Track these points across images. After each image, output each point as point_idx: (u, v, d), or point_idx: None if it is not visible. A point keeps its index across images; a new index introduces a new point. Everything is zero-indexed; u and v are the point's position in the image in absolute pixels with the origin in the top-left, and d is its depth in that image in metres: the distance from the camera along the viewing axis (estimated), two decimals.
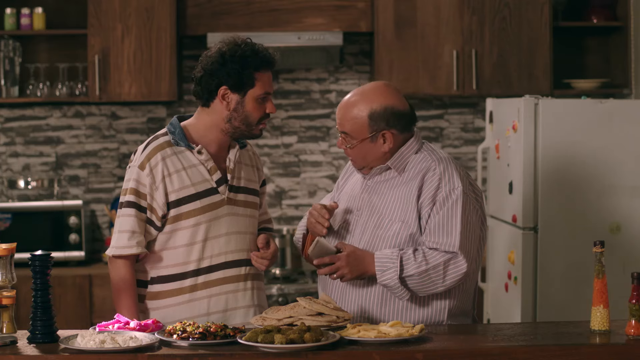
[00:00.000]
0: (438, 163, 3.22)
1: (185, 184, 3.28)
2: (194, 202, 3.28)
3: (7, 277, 2.97)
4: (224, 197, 3.32)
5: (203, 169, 3.31)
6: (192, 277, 3.30)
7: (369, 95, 3.27)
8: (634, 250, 4.63)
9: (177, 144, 3.30)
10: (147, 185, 3.26)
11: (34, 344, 2.92)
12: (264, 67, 3.30)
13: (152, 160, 3.27)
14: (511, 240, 4.78)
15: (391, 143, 3.24)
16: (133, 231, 3.27)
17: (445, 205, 3.17)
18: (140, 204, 3.27)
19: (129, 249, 3.27)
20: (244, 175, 3.40)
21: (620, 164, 4.63)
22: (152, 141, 3.33)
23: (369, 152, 3.26)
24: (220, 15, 5.63)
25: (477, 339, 3.03)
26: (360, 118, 3.23)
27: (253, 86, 3.28)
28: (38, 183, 5.73)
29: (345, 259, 3.18)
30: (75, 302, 5.34)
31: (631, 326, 2.93)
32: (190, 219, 3.28)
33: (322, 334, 2.85)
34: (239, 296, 3.35)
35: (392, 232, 3.21)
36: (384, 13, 5.58)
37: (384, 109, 3.22)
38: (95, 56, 5.51)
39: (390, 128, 3.23)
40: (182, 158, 3.30)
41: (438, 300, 3.23)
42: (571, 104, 4.71)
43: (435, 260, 3.13)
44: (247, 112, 3.28)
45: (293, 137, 5.97)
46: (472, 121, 6.00)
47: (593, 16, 5.79)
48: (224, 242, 3.32)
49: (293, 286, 5.37)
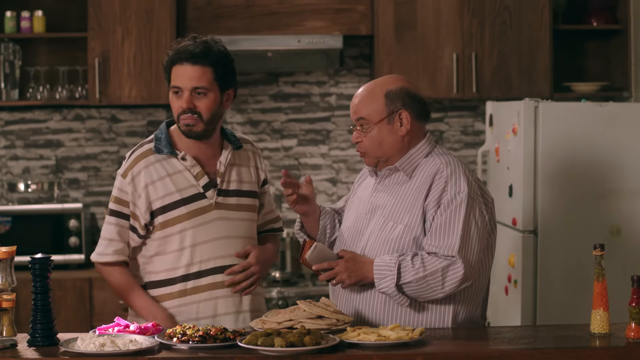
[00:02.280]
0: (446, 166, 3.22)
1: (169, 191, 3.28)
2: (179, 208, 3.28)
3: (7, 280, 2.97)
4: (212, 202, 3.31)
5: (189, 174, 3.30)
6: (181, 282, 3.30)
7: (384, 80, 3.33)
8: (634, 254, 4.64)
9: (161, 151, 3.30)
10: (129, 193, 3.29)
11: (34, 347, 2.92)
12: (176, 62, 3.26)
13: (135, 169, 3.29)
14: (511, 243, 4.78)
15: (408, 124, 3.23)
16: (111, 239, 3.33)
17: (448, 208, 3.15)
18: (123, 212, 3.31)
19: (104, 256, 3.35)
20: (236, 177, 3.38)
21: (620, 167, 4.64)
22: (137, 149, 3.35)
23: (386, 137, 3.24)
24: (220, 19, 5.63)
25: (477, 342, 3.02)
26: (377, 98, 3.24)
27: (170, 80, 3.30)
28: (38, 186, 5.73)
29: (344, 265, 3.17)
30: (75, 305, 5.33)
31: (631, 329, 2.93)
32: (177, 225, 3.28)
33: (322, 337, 2.85)
34: (229, 302, 3.33)
35: (395, 235, 3.20)
36: (384, 16, 5.59)
37: (400, 88, 3.25)
38: (95, 59, 5.51)
39: (407, 108, 3.23)
40: (167, 164, 3.30)
41: (441, 305, 3.21)
42: (571, 107, 4.72)
43: (433, 266, 3.11)
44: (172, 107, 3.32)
45: (293, 140, 5.97)
46: (472, 124, 6.00)
47: (593, 19, 5.79)
48: (213, 247, 3.31)
49: (293, 289, 5.37)
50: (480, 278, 3.26)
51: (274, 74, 5.94)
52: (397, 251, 3.18)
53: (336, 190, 5.96)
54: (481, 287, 3.28)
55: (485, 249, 3.24)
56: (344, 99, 5.97)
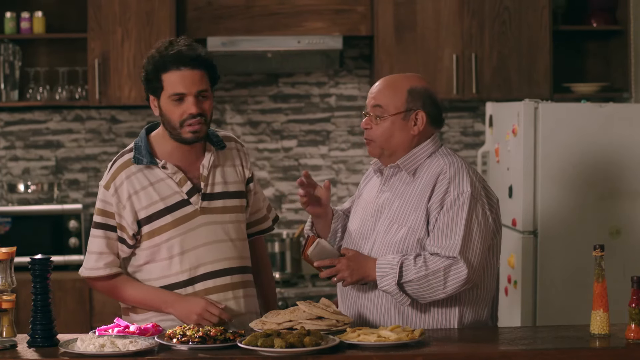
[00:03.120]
0: (449, 167, 3.23)
1: (153, 200, 3.23)
2: (164, 217, 3.23)
3: (7, 281, 2.97)
4: (197, 207, 3.26)
5: (171, 182, 3.25)
6: (175, 289, 3.24)
7: (410, 76, 3.33)
8: (634, 254, 4.63)
9: (140, 161, 3.25)
10: (113, 205, 3.24)
11: (34, 348, 2.92)
12: (170, 68, 3.19)
13: (117, 180, 3.25)
14: (511, 244, 4.77)
15: (422, 126, 3.24)
16: (101, 252, 3.25)
17: (451, 209, 3.15)
18: (109, 224, 3.25)
19: (96, 270, 3.26)
20: (221, 179, 3.32)
21: (620, 167, 4.63)
22: (118, 159, 3.30)
23: (397, 131, 3.24)
24: (220, 19, 5.63)
25: (477, 343, 3.02)
26: (400, 91, 3.24)
27: (162, 88, 3.21)
28: (38, 187, 5.73)
29: (345, 263, 3.16)
30: (75, 306, 5.33)
31: (631, 330, 2.93)
32: (163, 234, 3.23)
33: (321, 338, 2.85)
34: (227, 306, 3.26)
35: (398, 237, 3.20)
36: (384, 17, 5.59)
37: (424, 89, 3.26)
38: (95, 60, 5.51)
39: (425, 110, 3.24)
40: (149, 173, 3.25)
41: (446, 308, 3.20)
42: (571, 108, 4.72)
43: (435, 266, 3.10)
44: (166, 114, 3.23)
45: (293, 141, 5.97)
46: (472, 125, 6.01)
47: (593, 20, 5.79)
48: (203, 253, 3.26)
49: (293, 290, 5.36)
50: (486, 279, 3.25)
51: (273, 75, 5.94)
52: (401, 252, 3.17)
53: (336, 190, 5.96)
54: (488, 289, 3.26)
55: (490, 249, 3.23)
56: (344, 100, 5.97)
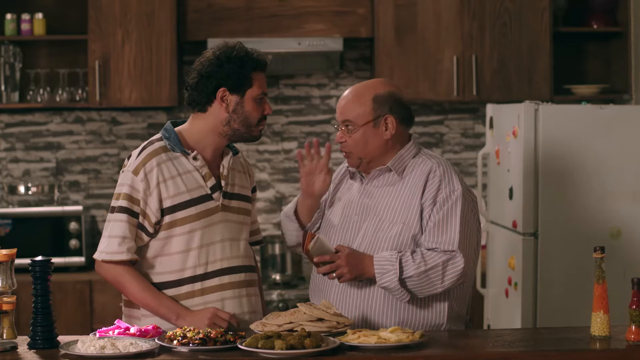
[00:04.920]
0: (438, 165, 3.30)
1: (180, 190, 3.25)
2: (188, 209, 3.25)
3: (8, 283, 2.97)
4: (219, 204, 3.30)
5: (198, 175, 3.28)
6: (188, 284, 3.26)
7: (373, 84, 3.38)
8: (635, 256, 4.63)
9: (173, 149, 3.28)
10: (140, 191, 3.22)
11: (34, 350, 2.92)
12: (259, 68, 3.30)
13: (147, 166, 3.24)
14: (511, 245, 4.78)
15: (393, 129, 3.29)
16: (124, 237, 3.22)
17: (445, 205, 3.22)
18: (133, 210, 3.23)
19: (119, 254, 3.22)
20: (237, 181, 3.38)
21: (620, 169, 4.63)
22: (148, 146, 3.29)
23: (370, 139, 3.29)
24: (221, 21, 5.63)
25: (478, 344, 3.03)
26: (365, 101, 3.29)
27: (251, 86, 3.28)
28: (38, 189, 5.73)
29: (345, 259, 3.20)
30: (75, 307, 5.33)
31: (631, 332, 2.93)
32: (185, 226, 3.25)
33: (322, 340, 2.85)
34: (235, 303, 3.30)
35: (393, 233, 3.24)
36: (384, 19, 5.59)
37: (388, 93, 3.31)
38: (95, 62, 5.52)
39: (393, 113, 3.28)
40: (177, 164, 3.27)
41: (439, 302, 3.26)
42: (571, 109, 4.72)
43: (434, 260, 3.17)
44: (246, 112, 3.28)
45: (293, 142, 5.97)
46: (472, 127, 6.00)
47: (593, 22, 5.79)
48: (219, 249, 3.29)
49: (293, 292, 5.37)
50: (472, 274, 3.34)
51: (274, 77, 5.94)
52: (396, 249, 3.22)
53: None
54: (470, 283, 3.37)
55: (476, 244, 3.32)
56: None
